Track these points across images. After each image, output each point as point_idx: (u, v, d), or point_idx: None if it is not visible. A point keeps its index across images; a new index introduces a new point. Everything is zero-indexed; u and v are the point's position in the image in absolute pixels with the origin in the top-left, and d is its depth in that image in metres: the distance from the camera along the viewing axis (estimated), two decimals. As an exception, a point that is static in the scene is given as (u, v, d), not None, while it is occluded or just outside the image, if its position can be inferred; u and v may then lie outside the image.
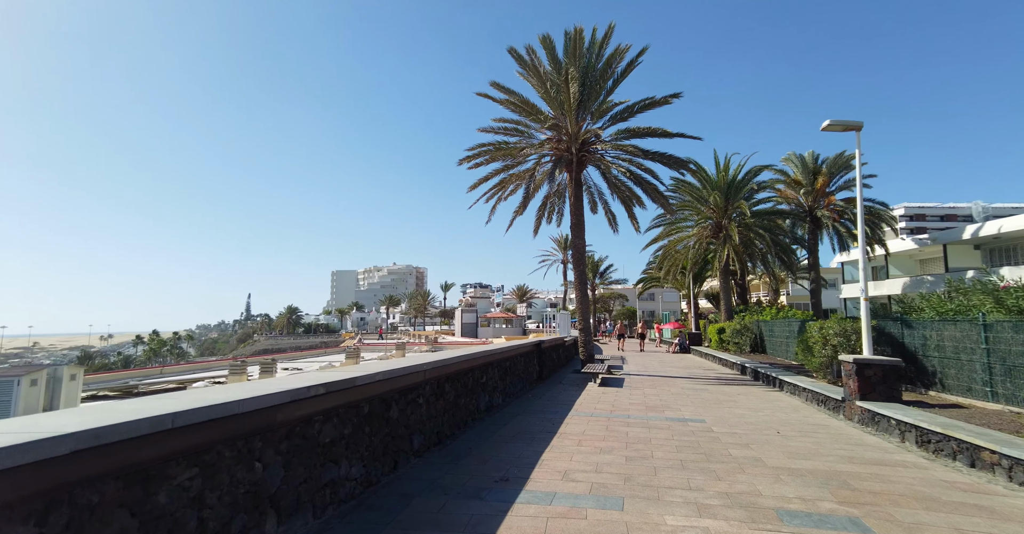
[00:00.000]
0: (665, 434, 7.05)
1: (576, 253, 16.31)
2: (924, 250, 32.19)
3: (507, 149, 15.84)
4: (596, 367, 13.88)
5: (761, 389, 12.37)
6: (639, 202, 18.02)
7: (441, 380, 6.49)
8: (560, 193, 18.89)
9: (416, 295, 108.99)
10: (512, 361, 10.84)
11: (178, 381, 17.13)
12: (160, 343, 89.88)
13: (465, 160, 15.71)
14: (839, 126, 8.23)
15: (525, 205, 18.72)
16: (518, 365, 11.34)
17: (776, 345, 18.91)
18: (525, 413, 8.68)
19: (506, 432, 7.08)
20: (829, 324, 10.63)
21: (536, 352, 13.75)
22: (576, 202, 16.30)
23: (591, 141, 16.02)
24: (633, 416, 8.46)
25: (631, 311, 57.79)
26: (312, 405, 3.64)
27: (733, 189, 24.70)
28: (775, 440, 6.72)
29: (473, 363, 7.83)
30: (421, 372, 5.69)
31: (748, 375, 15.13)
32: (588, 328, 16.29)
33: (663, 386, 12.79)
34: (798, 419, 8.34)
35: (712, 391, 11.95)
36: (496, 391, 9.31)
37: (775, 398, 10.82)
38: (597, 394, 11.23)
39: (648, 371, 16.62)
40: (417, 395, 5.69)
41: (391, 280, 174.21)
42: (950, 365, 8.87)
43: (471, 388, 7.80)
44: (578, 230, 16.30)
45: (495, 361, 9.32)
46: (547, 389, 12.05)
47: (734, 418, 8.40)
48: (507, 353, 10.14)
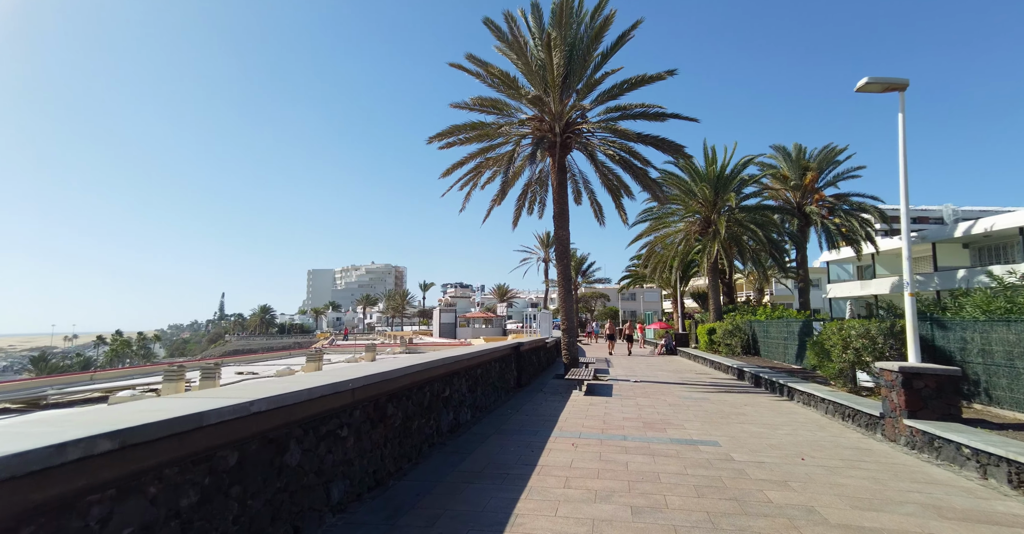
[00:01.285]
0: (675, 466, 5.49)
1: (559, 246, 14.75)
2: (912, 249, 31.49)
3: (483, 129, 14.19)
4: (581, 372, 12.33)
5: (767, 398, 10.95)
6: (627, 192, 16.55)
7: (381, 400, 4.81)
8: (542, 181, 17.31)
9: (394, 295, 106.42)
10: (485, 367, 9.19)
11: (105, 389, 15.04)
12: (124, 344, 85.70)
13: (436, 139, 14.01)
14: (879, 85, 6.80)
15: (504, 193, 17.08)
16: (492, 372, 9.70)
17: (771, 347, 17.63)
18: (499, 433, 7.04)
19: (471, 465, 5.43)
20: (851, 324, 9.24)
21: (514, 356, 12.13)
22: (560, 189, 14.74)
23: (577, 122, 14.47)
24: (631, 437, 6.89)
25: (613, 311, 56.66)
26: (83, 476, 1.94)
27: (722, 182, 23.47)
28: (818, 474, 5.21)
29: (432, 373, 6.17)
30: (346, 392, 4.01)
31: (748, 381, 13.75)
32: (572, 329, 14.76)
33: (657, 395, 11.29)
34: (830, 440, 6.87)
35: (714, 400, 10.48)
36: (464, 406, 7.65)
37: (788, 410, 9.38)
38: (584, 405, 9.66)
39: (637, 376, 15.14)
40: (339, 425, 4.01)
41: (369, 279, 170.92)
42: (1001, 374, 7.52)
43: (428, 406, 6.13)
44: (561, 220, 14.74)
45: (463, 369, 7.66)
46: (526, 399, 10.43)
47: (752, 439, 6.90)
48: (478, 358, 8.49)
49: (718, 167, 23.56)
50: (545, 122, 14.40)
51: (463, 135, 14.08)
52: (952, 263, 28.78)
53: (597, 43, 13.32)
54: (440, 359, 6.49)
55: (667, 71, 13.52)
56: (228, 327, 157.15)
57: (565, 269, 14.76)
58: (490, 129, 14.29)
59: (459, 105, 13.66)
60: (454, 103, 13.56)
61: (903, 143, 6.90)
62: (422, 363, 5.75)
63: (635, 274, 37.92)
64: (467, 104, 13.70)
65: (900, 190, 7.05)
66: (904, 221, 7.20)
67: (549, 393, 11.35)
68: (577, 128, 14.31)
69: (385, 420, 4.88)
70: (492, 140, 14.56)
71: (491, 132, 14.27)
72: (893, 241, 31.81)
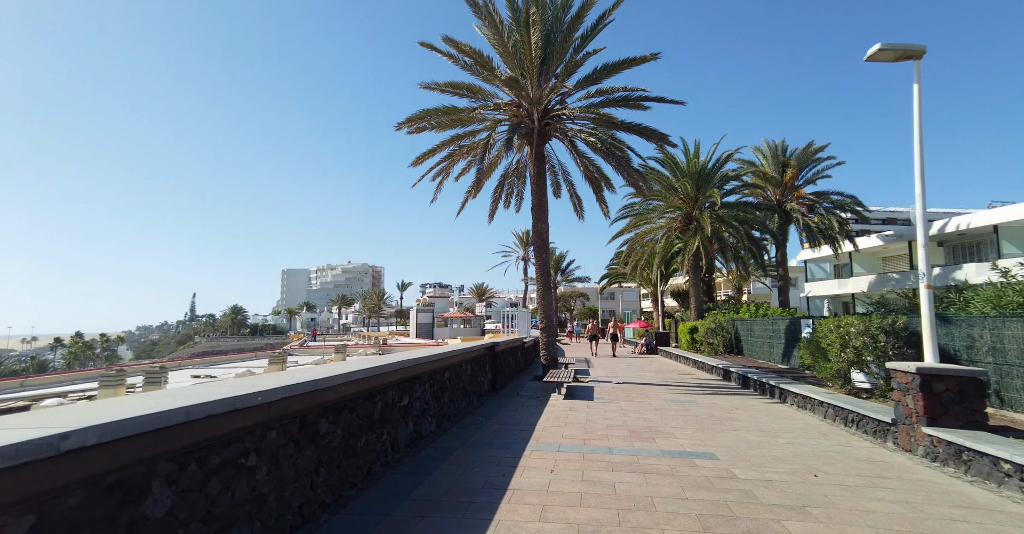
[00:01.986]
0: (671, 487, 4.65)
1: (537, 239, 13.89)
2: (888, 247, 31.64)
3: (456, 114, 13.22)
4: (560, 374, 11.48)
5: (758, 401, 10.26)
6: (608, 184, 15.78)
7: (312, 414, 3.85)
8: (519, 173, 16.44)
9: (370, 294, 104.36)
10: (454, 370, 8.26)
11: (33, 397, 13.59)
12: (84, 346, 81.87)
13: (405, 125, 12.99)
14: (892, 53, 6.10)
15: (479, 184, 16.14)
16: (463, 375, 8.77)
17: (756, 346, 17.10)
18: (466, 447, 6.12)
19: (429, 490, 4.50)
20: (849, 321, 8.57)
21: (489, 357, 11.21)
22: (538, 180, 13.87)
23: (555, 108, 13.61)
24: (616, 450, 6.04)
25: (592, 310, 56.16)
26: None
27: (704, 177, 22.96)
28: (839, 497, 4.43)
29: (386, 379, 5.22)
30: (257, 408, 3.05)
31: (734, 381, 13.09)
32: (551, 327, 13.91)
33: (641, 397, 10.51)
34: (838, 451, 6.13)
35: (702, 404, 9.74)
36: (427, 415, 6.71)
37: (784, 414, 8.68)
38: (563, 411, 8.80)
39: (618, 376, 14.37)
40: (243, 452, 3.04)
41: (345, 279, 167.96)
42: (1015, 374, 6.91)
43: (380, 418, 5.17)
44: (540, 213, 13.87)
45: (427, 373, 6.72)
46: (501, 404, 9.52)
47: (752, 450, 6.12)
48: (446, 360, 7.55)
49: (700, 162, 23.03)
50: (522, 108, 13.51)
51: (434, 120, 13.08)
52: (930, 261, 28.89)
53: (578, 22, 12.49)
54: (397, 362, 5.53)
55: (651, 54, 12.78)
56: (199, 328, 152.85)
57: (543, 264, 13.90)
58: (463, 114, 13.33)
59: (429, 86, 12.65)
60: (424, 83, 12.54)
61: (918, 118, 6.22)
62: (371, 367, 4.79)
63: (615, 272, 37.39)
64: (438, 85, 12.70)
65: (915, 169, 6.35)
66: (919, 204, 6.51)
67: (526, 397, 10.47)
68: (556, 114, 13.46)
69: (317, 440, 3.92)
70: (466, 126, 13.60)
71: (464, 118, 13.31)
72: (871, 239, 31.89)
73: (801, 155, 29.94)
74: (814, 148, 29.93)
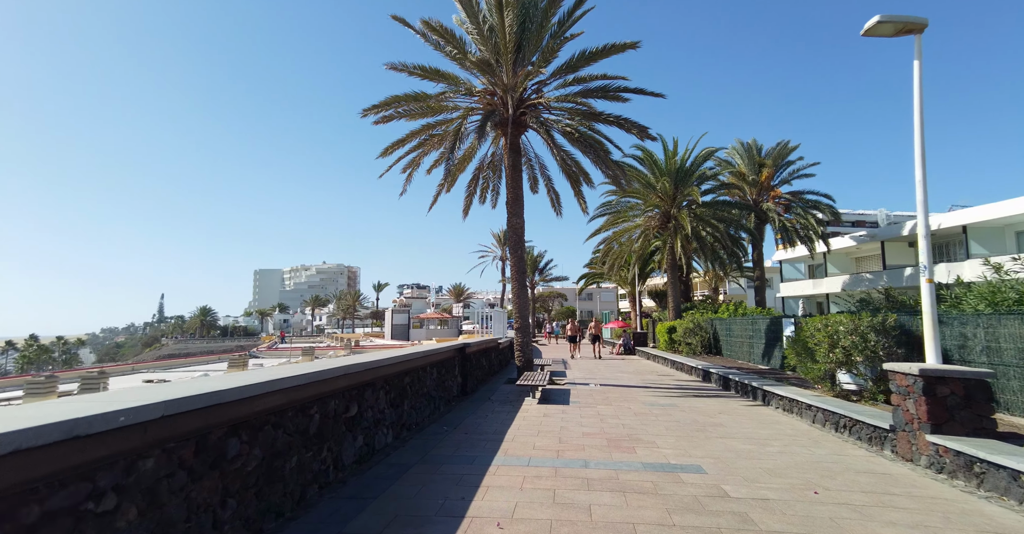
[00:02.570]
0: (655, 509, 4.02)
1: (513, 235, 13.22)
2: (861, 247, 31.97)
3: (426, 100, 12.46)
4: (535, 377, 10.82)
5: (741, 404, 9.78)
6: (587, 179, 15.23)
7: (216, 433, 3.09)
8: (495, 166, 15.75)
9: (344, 295, 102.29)
10: (417, 375, 7.52)
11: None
12: (40, 350, 78.03)
13: (371, 111, 12.15)
14: (891, 27, 5.61)
15: (451, 178, 15.43)
16: (427, 380, 8.03)
17: (735, 346, 16.75)
18: (424, 463, 5.40)
19: (370, 520, 3.77)
20: (838, 319, 8.12)
21: (459, 359, 10.49)
22: (513, 172, 13.21)
23: (531, 97, 12.98)
24: (593, 463, 5.40)
25: (570, 310, 55.82)
26: None
27: (682, 175, 22.65)
28: (848, 520, 3.86)
29: (327, 386, 4.48)
30: (130, 429, 2.30)
31: (715, 383, 12.64)
32: (527, 327, 13.25)
33: (620, 401, 9.92)
34: (834, 460, 5.60)
35: (684, 408, 9.20)
36: (382, 425, 5.96)
37: (770, 419, 8.18)
38: (537, 417, 8.14)
39: (596, 378, 13.80)
40: (91, 494, 2.27)
41: (320, 280, 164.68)
42: (1011, 375, 6.51)
43: (318, 432, 4.42)
44: (515, 207, 13.21)
45: (382, 378, 5.98)
46: (470, 411, 8.82)
47: (742, 461, 5.55)
48: (406, 364, 6.81)
49: (678, 160, 22.72)
50: (497, 96, 12.84)
51: (403, 107, 12.28)
52: (900, 262, 29.24)
53: (555, 6, 11.87)
54: (340, 367, 4.79)
55: (631, 42, 12.24)
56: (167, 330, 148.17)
57: (519, 261, 13.24)
58: (434, 101, 12.58)
59: (397, 67, 11.84)
60: (392, 64, 11.71)
61: (919, 97, 5.75)
62: (303, 374, 4.04)
63: (593, 272, 37.02)
64: (406, 67, 11.90)
65: (916, 152, 5.88)
66: (920, 191, 6.03)
67: (498, 402, 9.77)
68: (532, 103, 12.83)
69: (224, 464, 3.16)
70: (437, 115, 12.83)
71: (435, 105, 12.56)
72: (844, 240, 32.17)
73: (775, 154, 30.01)
74: (788, 148, 30.04)
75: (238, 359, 19.57)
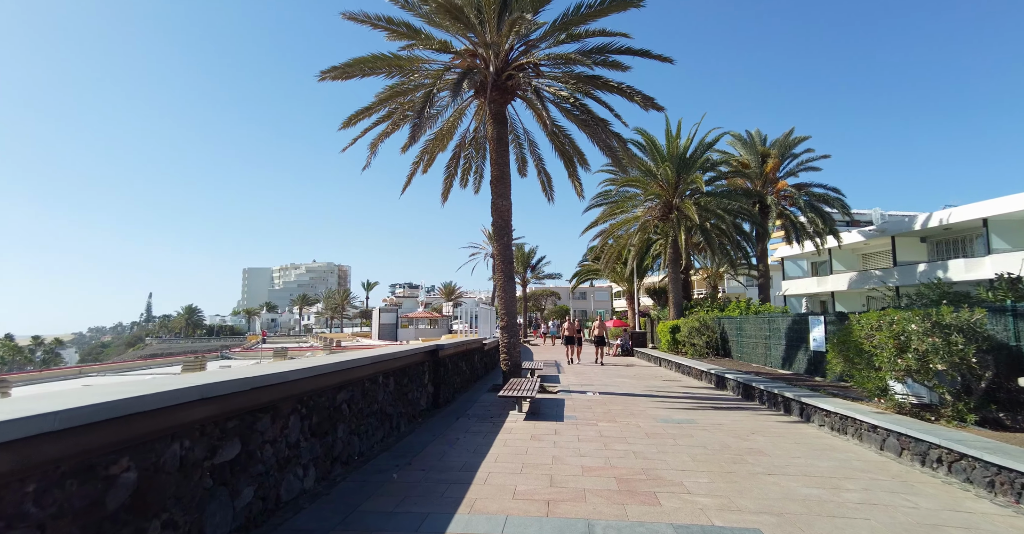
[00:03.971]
0: None
1: (498, 219, 11.40)
2: (869, 243, 30.42)
3: (396, 62, 10.60)
4: (523, 385, 9.01)
5: (772, 418, 8.03)
6: (582, 160, 13.46)
7: None
8: (478, 144, 13.92)
9: (333, 294, 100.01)
10: (360, 389, 5.68)
11: None
12: (12, 350, 75.18)
13: (330, 74, 10.27)
14: None
15: (430, 158, 13.64)
16: (378, 394, 6.19)
17: (747, 348, 15.05)
18: (346, 529, 3.57)
19: None
20: (904, 315, 6.36)
21: (430, 364, 8.66)
22: (498, 146, 11.39)
23: (519, 59, 11.16)
24: (601, 528, 3.60)
25: (564, 309, 54.08)
26: None
27: (685, 162, 20.93)
28: None
29: (160, 423, 2.64)
30: None
31: (732, 391, 10.89)
32: (514, 326, 11.43)
33: (625, 416, 8.14)
34: (961, 522, 3.84)
35: (705, 424, 7.43)
36: (293, 465, 4.11)
37: (820, 442, 6.42)
38: (522, 441, 6.34)
39: (593, 384, 12.02)
40: None
41: (310, 279, 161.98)
42: None
43: (130, 505, 2.57)
44: (501, 186, 11.40)
45: (286, 400, 4.14)
46: (438, 430, 7.00)
47: (820, 522, 3.78)
48: (336, 375, 4.98)
49: (681, 145, 21.00)
50: (479, 57, 11.01)
51: (368, 66, 10.38)
52: (911, 258, 27.71)
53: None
54: (194, 386, 2.95)
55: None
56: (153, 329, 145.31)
57: (505, 249, 11.42)
58: (405, 62, 10.72)
59: (356, 17, 9.90)
60: (348, 13, 9.77)
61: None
62: (101, 404, 2.20)
63: (588, 269, 35.28)
64: (368, 18, 9.99)
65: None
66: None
67: (475, 418, 7.95)
68: (519, 65, 11.01)
69: None
70: (405, 75, 10.95)
71: (406, 65, 10.69)
72: (852, 235, 30.62)
73: (781, 144, 28.39)
74: (794, 138, 28.43)
75: (194, 361, 17.64)
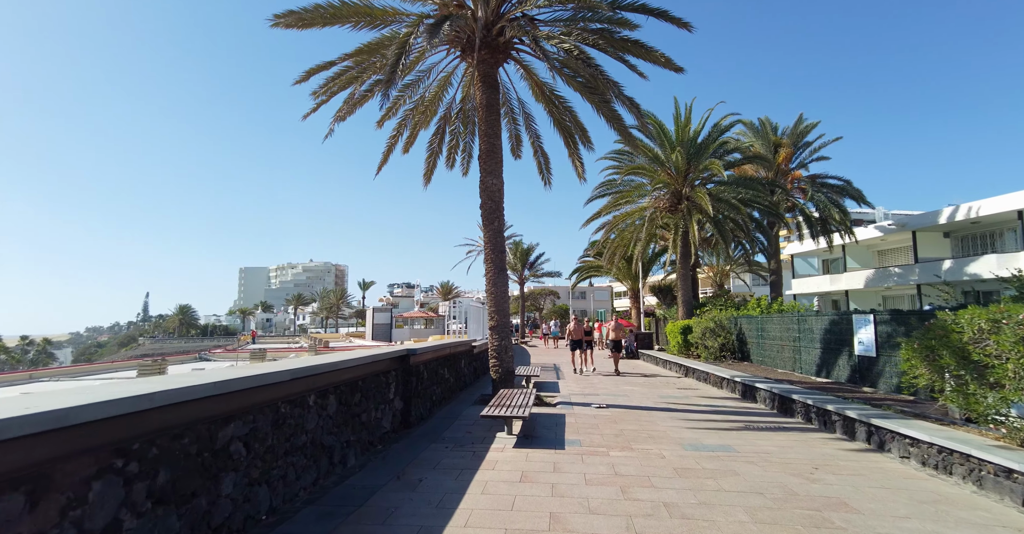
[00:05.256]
0: None
1: (488, 201, 9.66)
2: (887, 239, 28.70)
3: (365, 10, 8.87)
4: (514, 398, 7.28)
5: (829, 443, 6.31)
6: (584, 137, 11.77)
7: None
8: (466, 118, 12.19)
9: (328, 294, 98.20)
10: (268, 416, 3.96)
11: None
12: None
13: (284, 19, 8.52)
14: None
15: (410, 134, 11.89)
16: (305, 421, 4.45)
17: (769, 351, 13.34)
18: None
19: None
20: (1033, 312, 4.63)
21: (399, 374, 6.93)
22: (488, 114, 9.66)
23: (511, 11, 9.41)
24: None
25: (564, 309, 52.34)
26: None
27: (696, 148, 19.22)
28: None
29: None
30: None
31: (763, 403, 9.16)
32: (506, 326, 9.70)
33: (643, 439, 6.42)
34: None
35: (749, 455, 5.71)
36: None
37: (918, 487, 4.70)
38: (508, 484, 4.62)
39: (599, 394, 10.28)
40: None
41: (307, 278, 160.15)
42: None
43: None
44: (490, 162, 9.66)
45: (104, 448, 2.40)
46: (398, 464, 5.27)
47: None
48: (228, 398, 3.26)
49: (692, 130, 19.29)
50: (466, 8, 9.29)
51: (331, 14, 8.67)
52: (933, 254, 26.00)
53: None
54: None
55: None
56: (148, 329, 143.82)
57: (495, 236, 9.69)
58: (378, 12, 8.99)
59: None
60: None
61: None
62: None
63: (589, 265, 33.53)
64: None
65: None
66: None
67: (451, 444, 6.22)
68: (512, 17, 9.27)
69: None
70: (381, 30, 9.23)
71: (378, 14, 8.95)
72: (868, 230, 28.90)
73: (793, 133, 26.71)
74: (807, 126, 26.75)
75: (151, 365, 15.94)
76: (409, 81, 10.95)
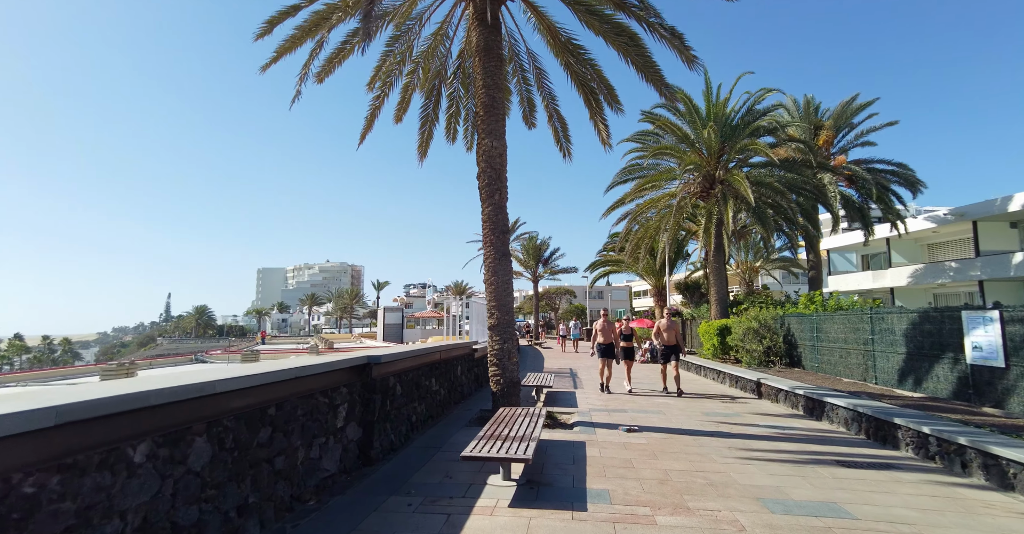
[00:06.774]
0: None
1: (488, 168, 7.72)
2: (941, 231, 25.91)
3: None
4: (515, 429, 5.31)
5: (979, 495, 4.20)
6: (611, 97, 9.74)
7: None
8: (466, 79, 10.25)
9: (342, 294, 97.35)
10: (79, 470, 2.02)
11: None
12: (18, 349, 73.79)
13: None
14: None
15: (403, 101, 10.03)
16: (129, 490, 2.52)
17: (831, 356, 11.13)
18: None
19: None
20: None
21: (355, 391, 5.01)
22: (487, 61, 7.73)
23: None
24: None
25: (580, 308, 50.14)
26: None
27: (730, 126, 17.04)
28: None
29: None
30: None
31: (843, 425, 7.01)
32: (508, 326, 7.74)
33: (700, 491, 4.40)
34: None
35: (871, 520, 3.64)
36: None
37: None
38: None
39: (626, 409, 8.23)
40: None
41: (323, 278, 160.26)
42: None
43: None
44: (491, 120, 7.72)
45: None
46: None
47: None
48: None
49: (729, 106, 17.12)
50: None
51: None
52: (997, 246, 23.24)
53: None
54: None
55: None
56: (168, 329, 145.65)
57: (496, 212, 7.73)
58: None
59: None
60: None
61: None
62: None
63: (608, 259, 31.35)
64: None
65: None
66: None
67: (417, 498, 4.26)
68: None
69: None
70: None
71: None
72: (918, 222, 26.20)
73: (838, 114, 24.18)
74: (855, 106, 24.15)
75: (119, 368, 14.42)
76: (396, 35, 9.10)
